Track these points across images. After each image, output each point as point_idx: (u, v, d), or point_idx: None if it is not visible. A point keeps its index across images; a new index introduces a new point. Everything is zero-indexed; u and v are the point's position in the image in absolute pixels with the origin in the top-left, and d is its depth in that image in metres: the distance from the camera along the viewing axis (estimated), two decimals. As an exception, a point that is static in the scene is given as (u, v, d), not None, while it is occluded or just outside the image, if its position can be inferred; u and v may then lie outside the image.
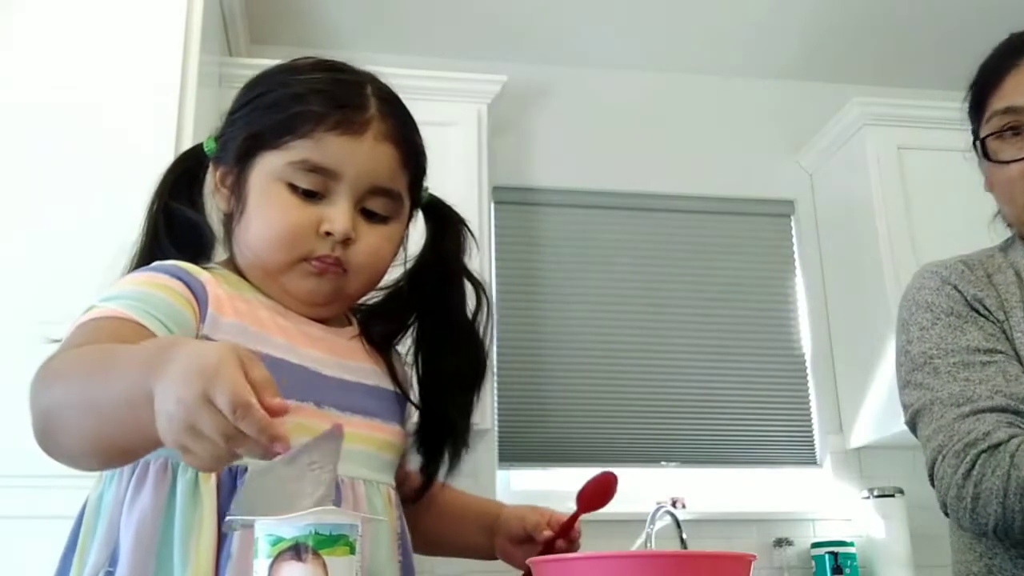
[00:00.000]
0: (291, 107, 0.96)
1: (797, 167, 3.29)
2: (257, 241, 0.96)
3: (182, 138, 2.16)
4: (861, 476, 2.97)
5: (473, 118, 2.71)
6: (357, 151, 0.96)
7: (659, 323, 3.05)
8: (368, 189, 0.97)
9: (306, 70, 1.02)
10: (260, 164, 0.96)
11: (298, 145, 0.95)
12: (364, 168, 0.96)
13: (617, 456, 2.91)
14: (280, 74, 1.03)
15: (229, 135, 1.02)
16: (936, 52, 3.27)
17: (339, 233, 0.94)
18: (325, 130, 0.95)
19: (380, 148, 0.97)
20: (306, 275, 0.96)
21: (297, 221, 0.94)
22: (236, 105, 1.04)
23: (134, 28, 2.20)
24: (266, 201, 0.95)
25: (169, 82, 2.18)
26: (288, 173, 0.95)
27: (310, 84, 0.99)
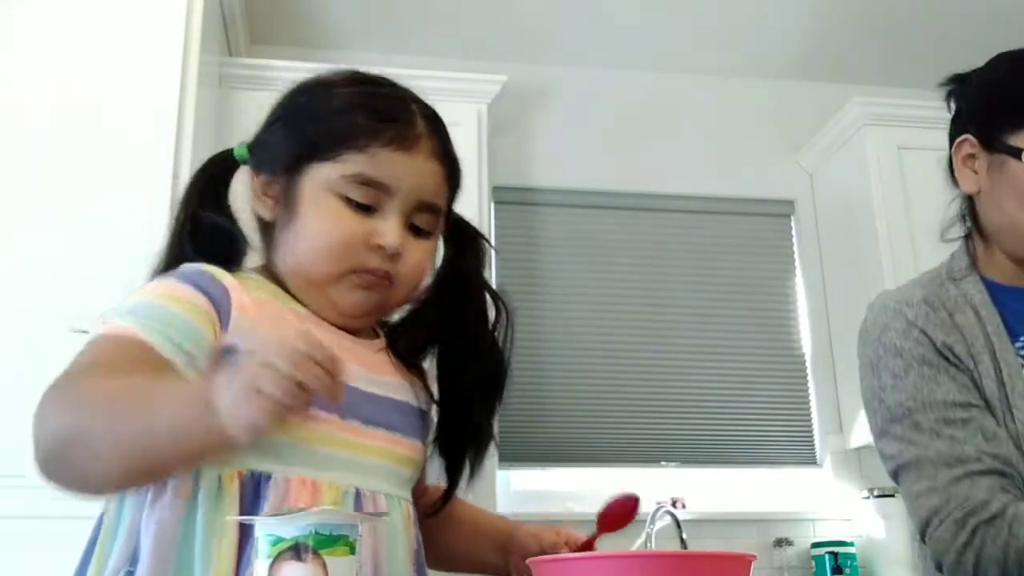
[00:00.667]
0: (343, 119, 0.97)
1: (797, 167, 3.29)
2: (307, 251, 0.96)
3: (182, 138, 2.16)
4: (861, 476, 2.97)
5: (473, 118, 2.71)
6: (409, 167, 0.97)
7: (659, 323, 3.05)
8: (416, 205, 0.98)
9: (352, 83, 1.03)
10: (311, 174, 0.96)
11: (352, 158, 0.95)
12: (415, 184, 0.97)
13: (617, 456, 2.91)
14: (325, 85, 1.03)
15: (270, 143, 1.01)
16: (936, 52, 3.27)
17: (390, 247, 0.95)
18: (380, 145, 0.95)
19: (429, 165, 0.99)
20: (354, 287, 0.97)
21: (349, 233, 0.95)
22: (276, 114, 1.03)
23: (134, 28, 2.21)
24: (318, 212, 0.95)
25: (169, 82, 2.18)
26: (341, 185, 0.95)
27: (359, 97, 0.99)
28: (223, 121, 2.57)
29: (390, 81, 1.04)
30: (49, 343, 1.97)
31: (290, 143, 0.98)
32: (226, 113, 2.58)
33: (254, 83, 2.62)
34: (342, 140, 0.95)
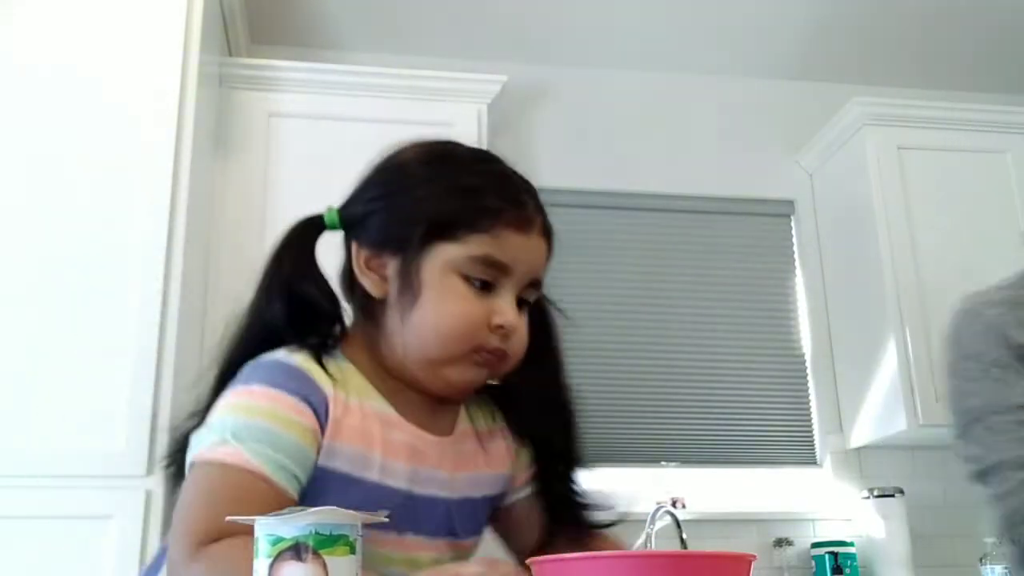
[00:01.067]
0: (473, 202, 0.97)
1: (797, 167, 3.29)
2: (432, 333, 0.95)
3: (182, 138, 2.16)
4: (861, 476, 2.97)
5: (473, 118, 2.71)
6: (527, 247, 1.00)
7: (659, 323, 3.05)
8: (528, 282, 1.01)
9: (472, 161, 1.03)
10: (436, 254, 0.96)
11: (478, 239, 0.96)
12: (531, 263, 1.01)
13: (617, 456, 2.91)
14: (445, 161, 1.02)
15: (384, 218, 0.99)
16: (936, 52, 3.28)
17: (510, 326, 0.96)
18: (503, 226, 0.97)
19: (540, 243, 1.03)
20: (472, 366, 0.97)
21: (475, 314, 0.95)
22: (390, 185, 1.01)
23: (134, 28, 2.21)
24: (443, 293, 0.95)
25: (169, 82, 2.18)
26: (466, 266, 0.95)
27: (484, 178, 1.00)
28: (223, 121, 2.57)
29: (500, 157, 1.05)
30: (49, 345, 1.97)
31: (413, 222, 0.96)
32: (226, 113, 2.58)
33: (254, 83, 2.62)
34: (470, 222, 0.96)
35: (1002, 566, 2.67)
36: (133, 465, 1.91)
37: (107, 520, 1.87)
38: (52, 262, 2.01)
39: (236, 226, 2.49)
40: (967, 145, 3.00)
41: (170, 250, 2.07)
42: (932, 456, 3.01)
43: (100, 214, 2.06)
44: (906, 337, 2.74)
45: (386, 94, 2.68)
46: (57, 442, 1.90)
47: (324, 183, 2.67)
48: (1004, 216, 2.93)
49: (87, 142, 2.10)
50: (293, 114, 2.62)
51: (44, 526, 1.85)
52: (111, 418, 1.93)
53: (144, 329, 2.00)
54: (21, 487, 1.88)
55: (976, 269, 2.86)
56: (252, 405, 0.91)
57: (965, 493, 3.15)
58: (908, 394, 2.70)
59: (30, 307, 1.98)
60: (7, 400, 1.92)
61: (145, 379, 1.97)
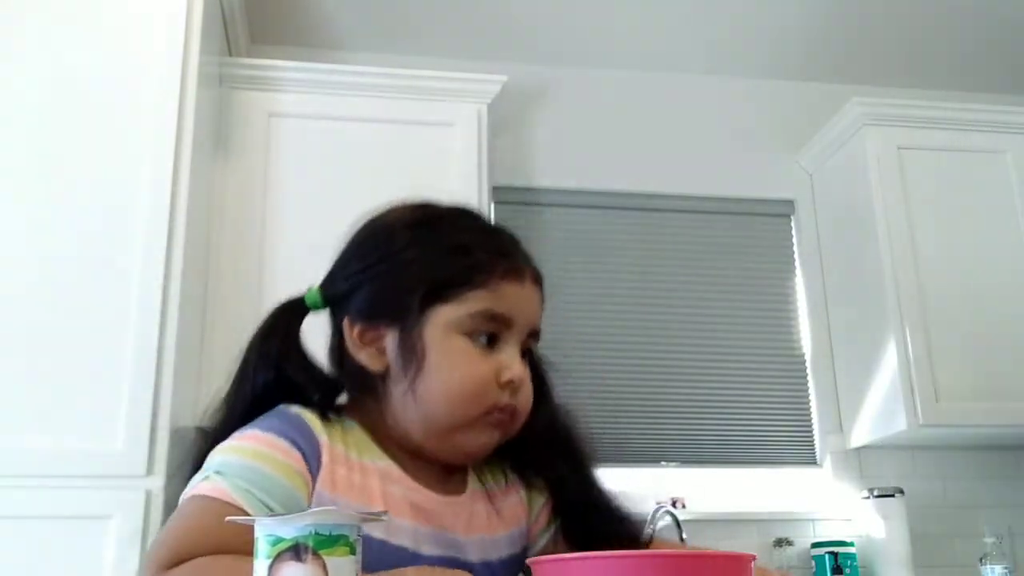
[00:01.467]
0: (464, 259, 0.95)
1: (797, 167, 3.29)
2: (443, 399, 0.93)
3: (182, 138, 2.16)
4: (861, 476, 2.97)
5: (473, 118, 2.70)
6: (524, 297, 0.97)
7: (659, 323, 3.05)
8: (529, 332, 0.99)
9: (454, 218, 1.01)
10: (435, 318, 0.93)
11: (476, 296, 0.94)
12: (529, 312, 0.98)
13: (617, 456, 2.91)
14: (428, 225, 0.99)
15: (373, 290, 0.97)
16: (936, 52, 3.28)
17: (519, 380, 0.94)
18: (499, 278, 0.95)
19: (535, 291, 0.99)
20: (486, 427, 0.95)
21: (484, 373, 0.93)
22: (372, 257, 0.99)
23: (134, 28, 2.20)
24: (449, 356, 0.93)
25: (169, 82, 2.18)
26: (468, 324, 0.93)
27: (470, 234, 0.98)
28: (223, 121, 2.57)
29: (477, 210, 1.04)
30: (48, 344, 1.97)
31: (407, 290, 0.94)
32: (226, 113, 2.58)
33: (254, 83, 2.62)
34: (466, 280, 0.94)
35: (1002, 566, 2.67)
36: (133, 465, 1.91)
37: (107, 520, 1.87)
38: (52, 261, 2.01)
39: (236, 226, 2.49)
40: (967, 145, 3.00)
41: (170, 250, 2.07)
42: (932, 456, 3.01)
43: (100, 214, 2.06)
44: (906, 337, 2.74)
45: (386, 94, 2.68)
46: (57, 442, 1.90)
47: (324, 183, 2.71)
48: (1004, 216, 2.94)
49: (87, 142, 2.10)
50: (293, 114, 2.62)
51: (44, 526, 1.85)
52: (111, 418, 1.93)
53: (144, 329, 2.00)
54: (21, 487, 1.88)
55: (976, 269, 2.87)
56: (241, 446, 0.90)
57: (965, 493, 3.18)
58: (908, 394, 2.70)
59: (30, 307, 1.98)
60: (7, 400, 1.92)
61: (145, 379, 1.97)
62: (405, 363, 0.93)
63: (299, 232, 2.51)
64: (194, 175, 2.18)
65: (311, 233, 2.52)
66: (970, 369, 2.75)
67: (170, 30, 2.22)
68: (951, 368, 2.74)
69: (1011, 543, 2.93)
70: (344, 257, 1.01)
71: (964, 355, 2.76)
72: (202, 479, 0.88)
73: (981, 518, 2.93)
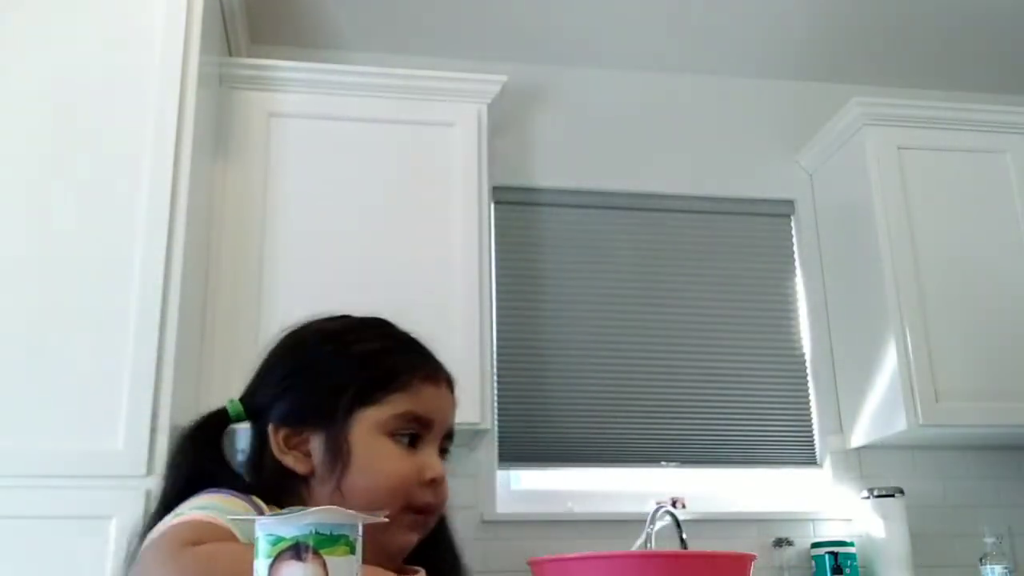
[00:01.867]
0: (382, 363, 1.01)
1: (797, 167, 3.29)
2: (370, 495, 0.96)
3: (182, 138, 2.16)
4: (861, 476, 2.97)
5: (473, 118, 2.71)
6: (441, 398, 1.03)
7: (659, 323, 3.05)
8: (446, 433, 1.03)
9: (368, 327, 1.06)
10: (360, 420, 0.98)
11: (397, 398, 0.99)
12: (445, 413, 1.03)
13: (617, 456, 2.91)
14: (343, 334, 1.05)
15: (298, 398, 1.01)
16: (936, 52, 3.28)
17: (440, 478, 0.99)
18: (419, 382, 1.00)
19: (449, 395, 1.05)
20: (406, 526, 0.98)
21: (407, 471, 0.97)
22: (294, 365, 1.03)
23: (134, 28, 2.21)
24: (374, 456, 0.97)
25: (169, 82, 2.18)
26: (391, 425, 0.98)
27: (387, 340, 1.04)
28: (223, 121, 2.57)
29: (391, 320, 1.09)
30: (48, 344, 1.97)
31: (330, 396, 0.99)
32: (226, 113, 2.59)
33: (254, 83, 2.62)
34: (388, 383, 0.99)
35: (1002, 566, 2.67)
36: (133, 465, 1.92)
37: (107, 520, 1.87)
38: (51, 261, 2.01)
39: (236, 226, 2.50)
40: (967, 145, 3.00)
41: (170, 250, 2.07)
42: (932, 456, 3.02)
43: (100, 214, 2.06)
44: (906, 337, 2.74)
45: (386, 94, 2.68)
46: (57, 442, 1.90)
47: (324, 183, 2.71)
48: (1004, 216, 2.94)
49: (87, 142, 2.10)
50: (293, 114, 2.62)
51: (44, 526, 1.85)
52: (111, 418, 1.93)
53: (144, 329, 2.00)
54: (21, 487, 1.88)
55: (976, 269, 2.87)
56: (201, 501, 0.91)
57: (965, 493, 3.18)
58: (908, 394, 2.70)
59: (30, 307, 1.98)
60: (7, 400, 1.92)
61: (145, 379, 1.97)
62: (332, 464, 0.97)
63: (299, 232, 2.51)
64: (194, 175, 2.19)
65: (311, 233, 2.52)
66: (970, 369, 2.75)
67: (170, 30, 2.22)
68: (951, 368, 2.74)
69: (1011, 543, 2.93)
70: (264, 369, 1.05)
71: (964, 355, 2.77)
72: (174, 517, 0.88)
73: (981, 518, 2.93)
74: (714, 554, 0.72)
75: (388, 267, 2.52)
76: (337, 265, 2.49)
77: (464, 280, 2.55)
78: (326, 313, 1.09)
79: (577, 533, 2.77)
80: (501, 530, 2.73)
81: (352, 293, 2.48)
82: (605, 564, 0.73)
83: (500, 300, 2.95)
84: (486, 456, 2.80)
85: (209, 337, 2.39)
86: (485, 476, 2.79)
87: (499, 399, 2.86)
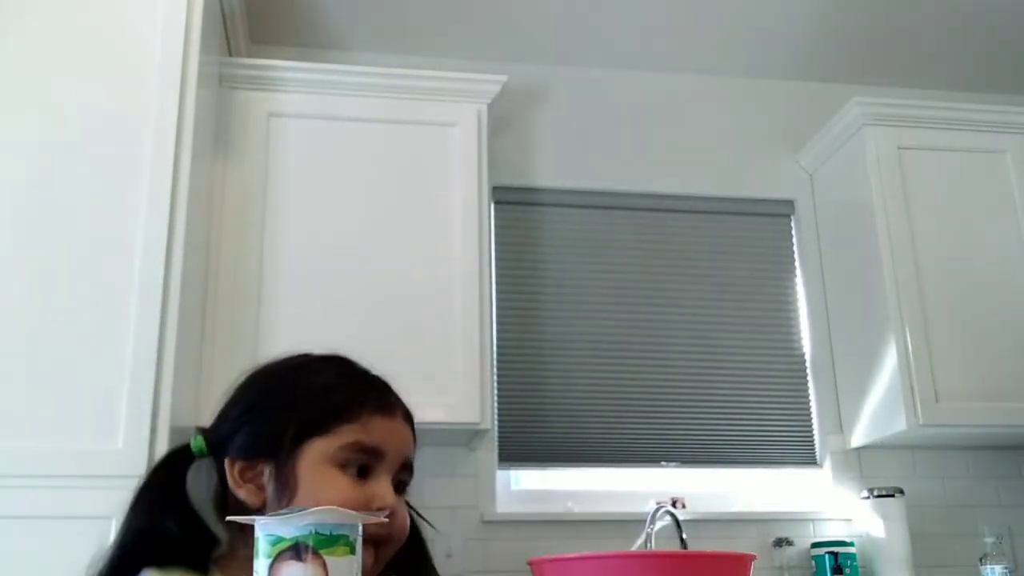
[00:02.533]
0: (333, 396, 1.02)
1: (797, 167, 3.29)
2: None
3: (182, 138, 2.16)
4: (861, 476, 2.97)
5: (473, 118, 2.71)
6: (394, 429, 1.03)
7: (659, 323, 3.05)
8: (401, 464, 1.03)
9: (320, 363, 1.08)
10: (308, 451, 0.99)
11: (346, 429, 0.99)
12: (400, 445, 1.03)
13: (617, 456, 2.91)
14: (298, 369, 1.07)
15: (252, 431, 1.02)
16: (936, 52, 3.28)
17: (390, 508, 0.99)
18: (369, 412, 1.01)
19: (405, 428, 1.05)
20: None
21: (354, 501, 0.97)
22: (250, 401, 1.05)
23: (134, 28, 2.20)
24: (321, 486, 0.98)
25: (169, 82, 2.18)
26: (339, 456, 0.99)
27: (337, 375, 1.05)
28: (223, 121, 2.57)
29: (348, 357, 1.10)
30: (48, 344, 1.97)
31: (281, 427, 1.00)
32: (226, 113, 2.59)
33: (254, 83, 2.62)
34: (336, 414, 1.00)
35: (1002, 566, 2.67)
36: (133, 465, 1.91)
37: (107, 520, 1.87)
38: (51, 261, 2.01)
39: (236, 226, 2.50)
40: (967, 145, 3.00)
41: (170, 250, 2.07)
42: (932, 456, 3.02)
43: (100, 214, 2.06)
44: (906, 337, 2.74)
45: (386, 94, 2.68)
46: (57, 442, 1.90)
47: (324, 183, 2.71)
48: (1004, 216, 2.94)
49: (87, 142, 2.10)
50: (293, 114, 2.62)
51: (44, 526, 1.85)
52: (111, 418, 1.93)
53: (144, 329, 2.00)
54: (21, 487, 1.88)
55: (976, 269, 2.87)
56: None
57: (965, 493, 3.18)
58: (908, 394, 2.70)
59: (30, 307, 1.98)
60: (7, 400, 1.92)
61: (145, 379, 1.97)
62: (279, 495, 0.98)
63: (299, 232, 2.51)
64: (194, 175, 2.18)
65: (311, 233, 2.52)
66: (970, 369, 2.75)
67: (170, 30, 2.22)
68: (951, 368, 2.74)
69: (1011, 543, 2.93)
70: (225, 406, 1.07)
71: (964, 355, 2.77)
72: None
73: (981, 518, 2.93)
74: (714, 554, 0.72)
75: (388, 268, 2.52)
76: (337, 265, 2.49)
77: (464, 280, 2.54)
78: (289, 352, 1.10)
79: (577, 533, 2.77)
80: (501, 530, 2.73)
81: (352, 294, 2.49)
82: (605, 564, 0.73)
83: (500, 300, 2.95)
84: (486, 456, 2.80)
85: (209, 337, 2.39)
86: (485, 476, 2.79)
87: (499, 399, 2.86)
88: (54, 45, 2.16)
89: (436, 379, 2.41)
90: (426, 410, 2.34)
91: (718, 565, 0.70)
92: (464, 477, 2.75)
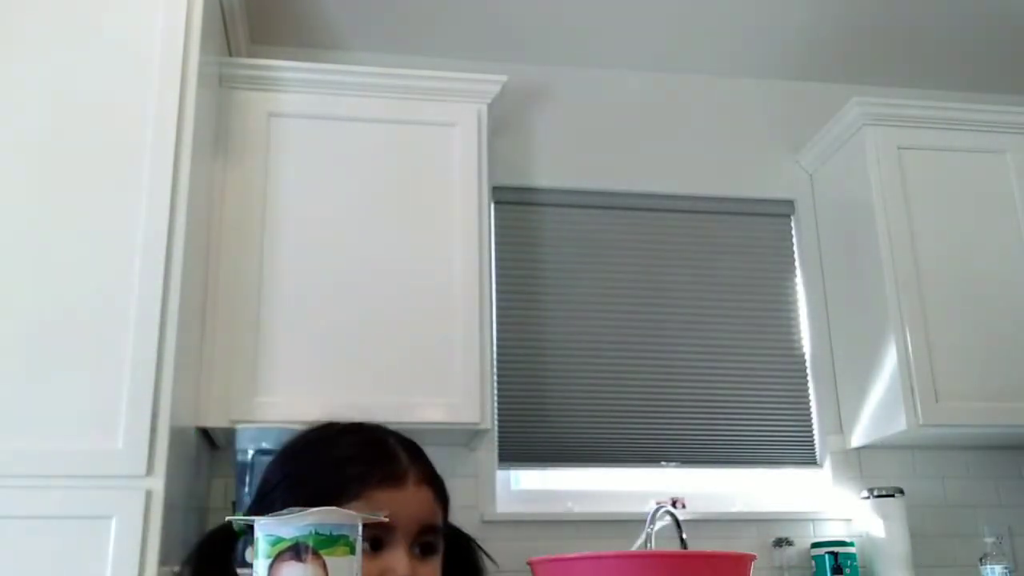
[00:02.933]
0: (340, 471, 1.03)
1: (797, 167, 3.29)
2: None
3: (182, 138, 2.16)
4: (861, 476, 2.97)
5: (473, 118, 2.71)
6: (403, 500, 1.03)
7: (659, 323, 3.05)
8: (419, 530, 1.04)
9: (336, 435, 1.09)
10: None
11: (352, 507, 1.00)
12: (412, 513, 1.03)
13: (617, 456, 2.91)
14: (314, 444, 1.08)
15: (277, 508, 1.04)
16: (936, 52, 3.28)
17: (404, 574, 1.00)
18: (373, 488, 1.01)
19: (420, 492, 1.05)
20: None
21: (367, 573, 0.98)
22: (279, 475, 1.08)
23: (134, 28, 2.20)
24: None
25: (169, 82, 2.18)
26: None
27: (346, 449, 1.06)
28: (223, 121, 2.57)
29: (370, 424, 1.11)
30: (48, 344, 1.97)
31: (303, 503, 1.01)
32: (226, 113, 2.59)
33: (254, 83, 2.62)
34: (340, 493, 1.01)
35: (1002, 566, 2.67)
36: (133, 465, 1.91)
37: (107, 520, 1.87)
38: (51, 261, 2.01)
39: (236, 226, 2.50)
40: (967, 145, 3.00)
41: (170, 250, 2.07)
42: (932, 456, 3.02)
43: (100, 213, 2.06)
44: (906, 337, 2.74)
45: (386, 94, 2.68)
46: (57, 442, 1.90)
47: (324, 183, 2.71)
48: (1004, 216, 2.94)
49: (87, 142, 2.10)
50: (293, 114, 2.62)
51: (44, 526, 1.85)
52: (111, 418, 1.93)
53: (144, 329, 2.00)
54: (21, 487, 1.88)
55: (976, 269, 2.87)
56: None
57: (965, 493, 3.18)
58: (908, 394, 2.70)
59: (30, 307, 1.98)
60: (7, 400, 1.92)
61: (145, 379, 1.97)
62: None
63: (299, 232, 2.51)
64: (194, 175, 2.19)
65: (311, 233, 2.52)
66: (970, 369, 2.75)
67: (170, 30, 2.22)
68: (951, 368, 2.74)
69: (1011, 543, 2.93)
70: (261, 480, 1.09)
71: (964, 355, 2.77)
72: None
73: (981, 518, 2.93)
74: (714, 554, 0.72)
75: (388, 267, 2.52)
76: (337, 265, 2.49)
77: (464, 280, 2.54)
78: (319, 420, 1.12)
79: (577, 533, 2.77)
80: (501, 530, 2.73)
81: (352, 294, 2.49)
82: (605, 564, 0.73)
83: (500, 300, 2.95)
84: (486, 456, 2.80)
85: (209, 337, 2.39)
86: (485, 476, 2.79)
87: (499, 399, 2.86)
88: (54, 45, 2.16)
89: (436, 379, 2.41)
90: (426, 410, 2.36)
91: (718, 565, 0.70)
92: (464, 477, 2.75)
